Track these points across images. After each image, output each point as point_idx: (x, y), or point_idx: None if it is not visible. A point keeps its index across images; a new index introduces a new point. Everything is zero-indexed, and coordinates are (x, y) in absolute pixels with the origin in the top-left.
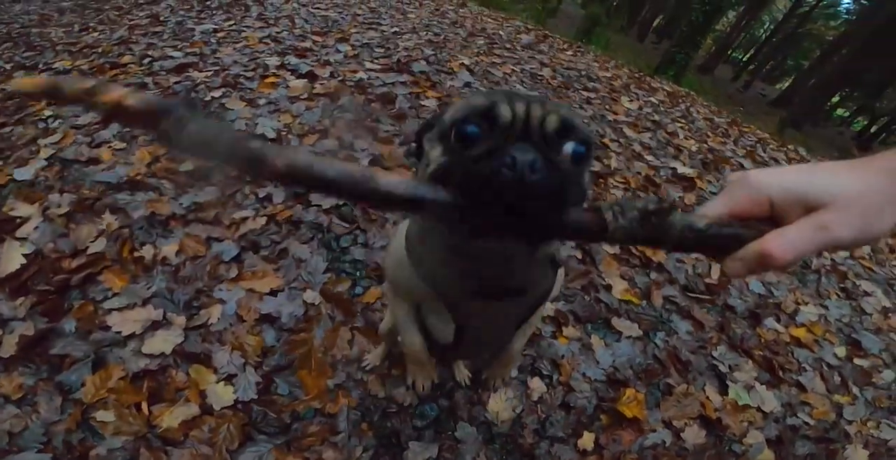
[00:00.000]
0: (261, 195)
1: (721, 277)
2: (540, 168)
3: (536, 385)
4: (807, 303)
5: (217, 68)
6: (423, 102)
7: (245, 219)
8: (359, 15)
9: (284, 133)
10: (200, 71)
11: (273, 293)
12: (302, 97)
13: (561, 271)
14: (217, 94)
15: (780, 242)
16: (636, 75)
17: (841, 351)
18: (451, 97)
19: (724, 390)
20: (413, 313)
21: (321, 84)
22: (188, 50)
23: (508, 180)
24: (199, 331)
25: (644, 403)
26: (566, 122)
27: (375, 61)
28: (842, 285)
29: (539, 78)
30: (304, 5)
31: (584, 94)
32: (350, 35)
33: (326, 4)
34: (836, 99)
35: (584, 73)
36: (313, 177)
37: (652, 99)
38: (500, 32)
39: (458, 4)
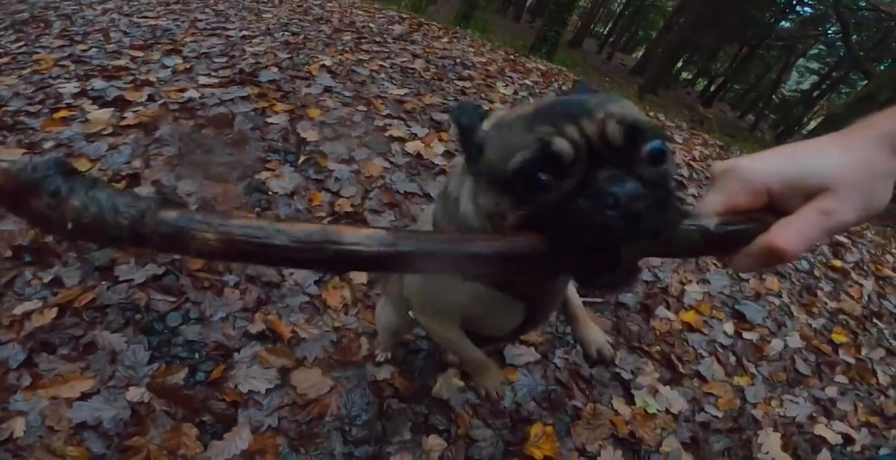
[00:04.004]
0: (46, 279)
1: None
2: (641, 195)
3: (434, 443)
4: (690, 281)
5: None
6: (269, 120)
7: (30, 313)
8: (199, 20)
9: None
10: None
11: (86, 396)
12: (104, 133)
13: None
14: None
15: (787, 235)
16: (511, 57)
17: (729, 327)
18: (306, 108)
19: (630, 399)
20: (459, 325)
21: (134, 112)
22: None
23: (619, 222)
24: (7, 445)
25: (554, 435)
26: (628, 124)
27: (213, 74)
28: None
29: (410, 71)
30: (126, 15)
31: (459, 83)
32: (184, 45)
33: (157, 12)
34: (679, 64)
35: (458, 60)
36: (286, 248)
37: (527, 81)
38: (371, 25)
39: None
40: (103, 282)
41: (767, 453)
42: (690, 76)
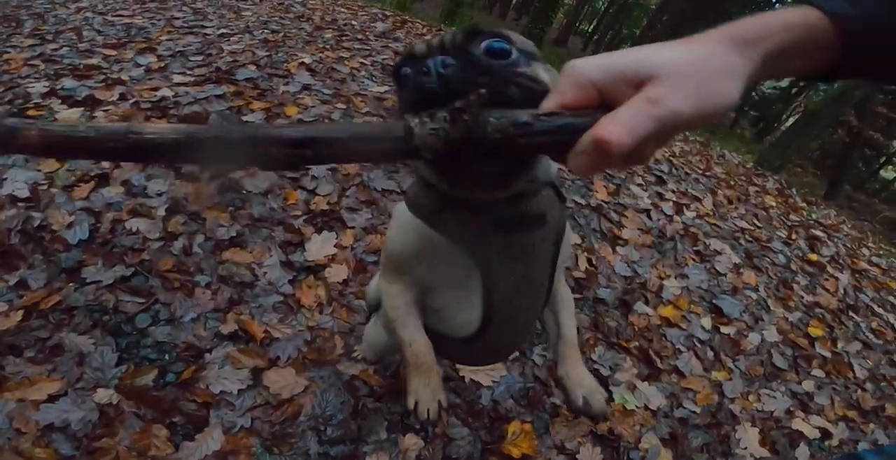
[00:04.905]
0: (12, 282)
1: (588, 268)
2: (450, 63)
3: (411, 442)
4: (669, 276)
5: None
6: (245, 118)
7: None
8: (176, 18)
9: (45, 185)
10: None
11: (53, 398)
12: None
13: (568, 228)
14: None
15: (612, 125)
16: None
17: (706, 321)
18: (284, 106)
19: (609, 396)
20: (417, 302)
21: (104, 111)
22: None
23: (431, 84)
24: None
25: (533, 433)
26: (471, 29)
27: (189, 72)
28: (695, 248)
29: (391, 69)
30: (100, 13)
31: None
32: (159, 43)
33: (133, 10)
34: None
35: None
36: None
37: None
38: (353, 22)
39: None
40: (70, 284)
41: (746, 448)
42: None
